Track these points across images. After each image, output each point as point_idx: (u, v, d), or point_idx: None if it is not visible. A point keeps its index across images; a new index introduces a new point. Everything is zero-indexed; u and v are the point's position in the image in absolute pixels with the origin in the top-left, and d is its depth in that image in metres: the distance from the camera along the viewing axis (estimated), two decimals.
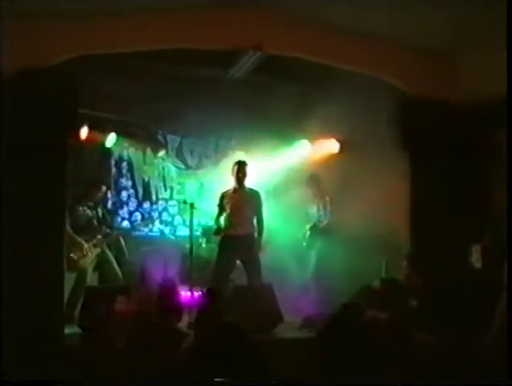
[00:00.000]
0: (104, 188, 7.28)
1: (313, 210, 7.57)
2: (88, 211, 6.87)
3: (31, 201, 5.36)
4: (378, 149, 6.61)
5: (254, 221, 6.86)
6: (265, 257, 6.90)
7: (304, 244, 7.43)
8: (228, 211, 6.79)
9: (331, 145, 7.70)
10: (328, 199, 7.46)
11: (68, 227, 6.10)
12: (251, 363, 1.88)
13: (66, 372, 4.45)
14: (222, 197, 6.90)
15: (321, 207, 7.51)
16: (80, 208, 6.78)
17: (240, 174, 6.80)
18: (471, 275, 5.64)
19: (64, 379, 3.61)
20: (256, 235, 6.82)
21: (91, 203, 6.94)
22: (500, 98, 5.39)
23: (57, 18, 5.44)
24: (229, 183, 6.93)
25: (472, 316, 5.31)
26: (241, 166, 6.84)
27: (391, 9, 5.56)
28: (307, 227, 7.47)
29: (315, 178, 7.62)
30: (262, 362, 1.93)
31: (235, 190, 6.86)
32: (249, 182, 6.93)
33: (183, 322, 5.65)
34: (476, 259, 5.53)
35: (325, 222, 7.41)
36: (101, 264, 6.86)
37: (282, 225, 7.51)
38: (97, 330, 5.35)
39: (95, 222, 6.92)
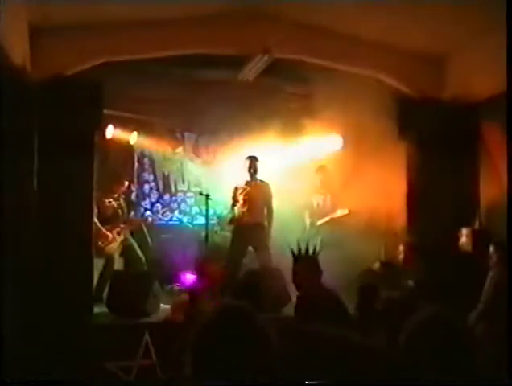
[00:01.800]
0: (127, 182, 7.72)
1: (318, 200, 7.95)
2: (114, 203, 7.30)
3: (63, 194, 5.81)
4: (377, 143, 6.89)
5: (265, 211, 7.23)
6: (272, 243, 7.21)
7: (309, 231, 7.75)
8: (241, 201, 7.17)
9: (334, 141, 7.98)
10: (330, 191, 7.83)
11: (95, 217, 6.51)
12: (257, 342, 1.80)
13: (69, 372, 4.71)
14: (235, 189, 7.28)
15: (327, 199, 7.88)
16: (107, 200, 7.20)
17: (251, 168, 7.17)
18: (461, 257, 5.95)
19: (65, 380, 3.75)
20: (266, 223, 7.20)
21: (116, 196, 7.36)
22: (491, 95, 5.77)
23: (85, 28, 5.84)
24: (242, 176, 7.30)
25: (464, 297, 5.42)
26: (252, 161, 7.20)
27: (391, 13, 5.79)
28: (311, 217, 7.86)
29: (323, 168, 8.03)
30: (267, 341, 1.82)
31: (247, 183, 7.22)
32: (259, 175, 7.29)
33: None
34: (465, 242, 5.79)
35: (329, 212, 7.77)
36: (125, 250, 7.32)
37: (289, 214, 7.81)
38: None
39: (120, 212, 7.35)
